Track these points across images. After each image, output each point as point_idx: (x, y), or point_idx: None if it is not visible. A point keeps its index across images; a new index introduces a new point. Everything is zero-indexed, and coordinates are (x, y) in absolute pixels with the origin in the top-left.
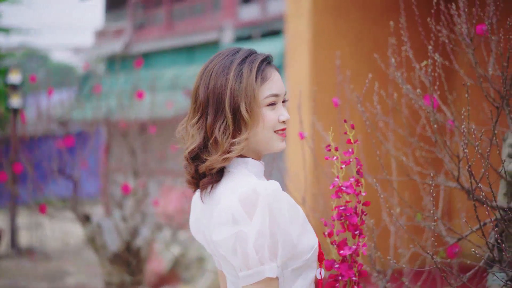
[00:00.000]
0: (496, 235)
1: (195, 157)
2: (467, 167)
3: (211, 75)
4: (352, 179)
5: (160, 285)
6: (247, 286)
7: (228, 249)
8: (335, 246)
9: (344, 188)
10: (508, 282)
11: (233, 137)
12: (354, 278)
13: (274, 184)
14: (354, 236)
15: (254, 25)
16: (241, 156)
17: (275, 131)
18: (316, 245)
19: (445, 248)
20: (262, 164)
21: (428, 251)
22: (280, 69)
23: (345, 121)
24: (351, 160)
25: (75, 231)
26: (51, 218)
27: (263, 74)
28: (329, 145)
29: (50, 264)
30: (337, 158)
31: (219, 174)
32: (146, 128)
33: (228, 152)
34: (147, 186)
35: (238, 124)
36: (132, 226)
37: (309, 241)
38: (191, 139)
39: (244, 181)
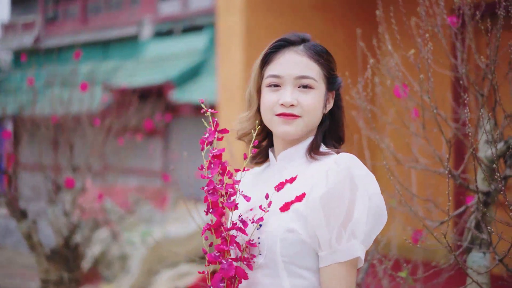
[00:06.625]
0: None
1: None
2: (471, 151)
3: None
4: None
5: (80, 284)
6: None
7: None
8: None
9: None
10: (499, 262)
11: None
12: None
13: None
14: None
15: (175, 20)
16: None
17: (276, 114)
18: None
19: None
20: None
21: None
22: (204, 65)
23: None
24: None
25: None
26: None
27: (270, 56)
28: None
29: None
30: None
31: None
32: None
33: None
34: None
35: (248, 103)
36: (72, 222)
37: None
38: None
39: None
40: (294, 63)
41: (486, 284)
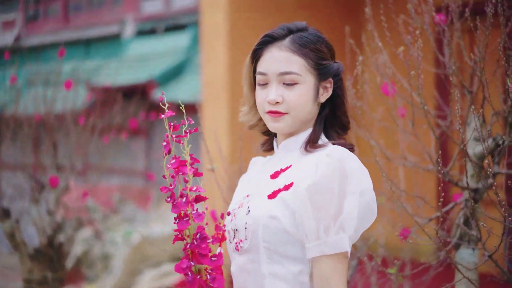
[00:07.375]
0: (466, 214)
1: None
2: (461, 146)
3: None
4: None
5: (64, 284)
6: None
7: None
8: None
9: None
10: (488, 258)
11: None
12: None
13: None
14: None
15: (157, 19)
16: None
17: (265, 112)
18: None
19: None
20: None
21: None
22: (187, 64)
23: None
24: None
25: None
26: None
27: (259, 53)
28: None
29: None
30: None
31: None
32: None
33: None
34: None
35: (245, 98)
36: (56, 221)
37: None
38: None
39: None
40: (277, 60)
41: (475, 281)
